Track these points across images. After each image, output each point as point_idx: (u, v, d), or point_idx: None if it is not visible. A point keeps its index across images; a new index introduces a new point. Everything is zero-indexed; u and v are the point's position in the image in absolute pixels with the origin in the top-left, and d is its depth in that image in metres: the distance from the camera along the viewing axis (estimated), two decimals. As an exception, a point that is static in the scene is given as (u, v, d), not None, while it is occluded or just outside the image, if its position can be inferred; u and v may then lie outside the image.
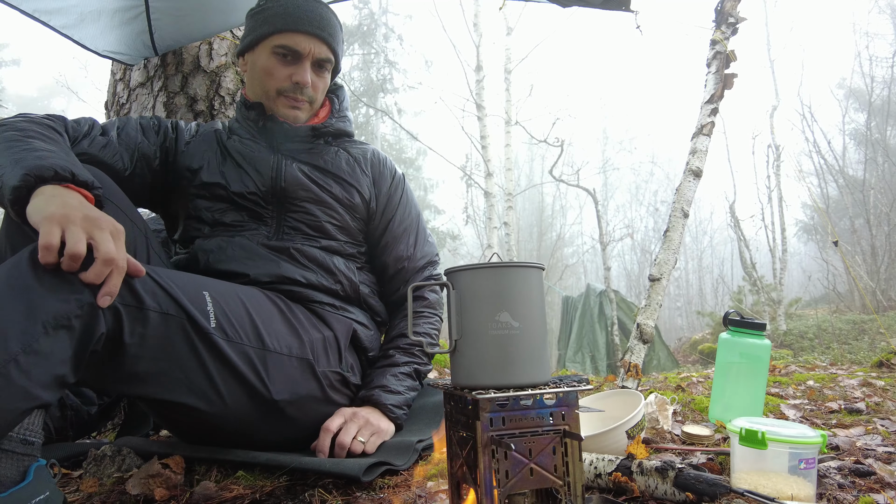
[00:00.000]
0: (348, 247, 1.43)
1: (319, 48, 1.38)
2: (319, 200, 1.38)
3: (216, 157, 1.40)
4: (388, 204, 1.50)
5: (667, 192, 20.95)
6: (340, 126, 1.49)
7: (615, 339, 8.57)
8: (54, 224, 0.84)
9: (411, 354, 1.42)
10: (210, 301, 1.09)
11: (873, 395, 1.99)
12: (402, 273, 1.50)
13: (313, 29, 1.36)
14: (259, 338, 1.15)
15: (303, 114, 1.43)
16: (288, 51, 1.36)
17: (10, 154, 0.99)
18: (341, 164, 1.44)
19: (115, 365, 0.96)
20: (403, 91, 18.79)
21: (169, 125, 1.44)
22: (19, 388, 0.79)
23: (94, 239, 0.86)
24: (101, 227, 0.87)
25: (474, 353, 0.80)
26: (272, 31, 1.36)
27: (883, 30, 14.67)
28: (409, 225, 1.52)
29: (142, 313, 0.96)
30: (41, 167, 0.94)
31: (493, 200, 9.18)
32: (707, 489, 0.95)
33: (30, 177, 0.93)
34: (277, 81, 1.38)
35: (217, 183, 1.36)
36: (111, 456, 1.20)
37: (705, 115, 2.15)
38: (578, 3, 1.84)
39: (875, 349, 7.33)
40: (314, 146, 1.45)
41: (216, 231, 1.35)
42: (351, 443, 1.19)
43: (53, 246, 0.83)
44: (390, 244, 1.49)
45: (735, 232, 11.39)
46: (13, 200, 0.93)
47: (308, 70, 1.38)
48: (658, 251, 2.10)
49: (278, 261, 1.32)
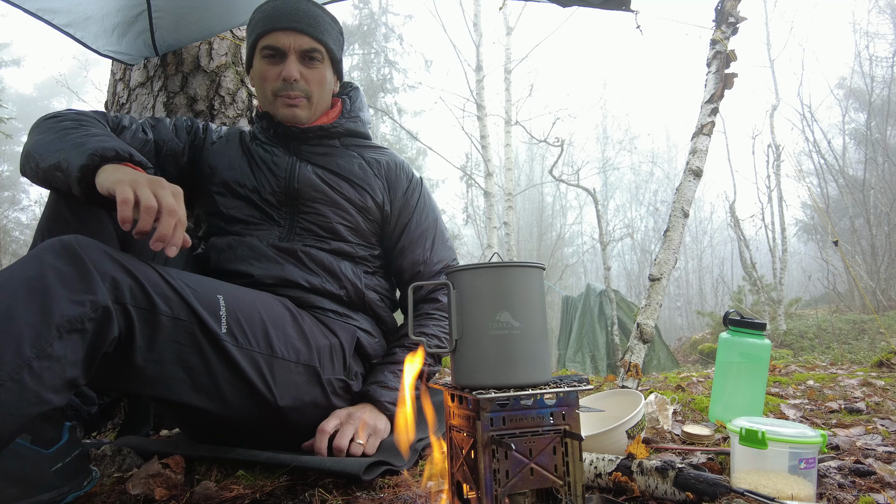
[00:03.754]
0: (360, 249, 1.44)
1: (300, 40, 1.38)
2: (331, 202, 1.39)
3: (238, 157, 1.45)
4: (405, 208, 1.50)
5: (667, 191, 20.96)
6: (351, 126, 1.49)
7: (615, 339, 8.57)
8: (126, 185, 0.96)
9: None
10: (223, 305, 1.10)
11: (873, 395, 1.99)
12: (417, 277, 1.49)
13: (290, 24, 1.37)
14: (269, 344, 1.16)
15: (301, 111, 1.42)
16: (271, 50, 1.38)
17: (70, 139, 1.10)
18: (354, 168, 1.45)
19: (124, 367, 0.98)
20: (403, 91, 18.77)
21: (200, 125, 1.52)
22: (32, 393, 0.80)
23: (158, 196, 0.97)
24: (163, 187, 0.99)
25: (475, 352, 0.80)
26: (257, 37, 1.40)
27: (883, 30, 14.66)
28: (426, 229, 1.52)
29: (153, 317, 0.98)
30: (104, 148, 1.05)
31: (493, 200, 9.18)
32: (707, 489, 0.95)
33: (96, 156, 1.03)
34: (270, 83, 1.40)
35: (235, 180, 1.41)
36: (111, 455, 1.20)
37: (705, 115, 2.15)
38: (578, 3, 1.84)
39: (875, 349, 7.33)
40: (329, 150, 1.46)
41: (232, 229, 1.39)
42: (349, 445, 1.19)
43: (131, 200, 0.95)
44: (406, 248, 1.49)
45: (735, 232, 11.39)
46: (80, 178, 1.03)
47: (293, 64, 1.38)
48: (658, 251, 2.10)
49: (283, 263, 1.33)
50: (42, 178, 1.12)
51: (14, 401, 0.78)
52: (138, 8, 1.79)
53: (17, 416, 0.79)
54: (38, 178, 1.13)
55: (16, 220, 17.95)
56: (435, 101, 14.47)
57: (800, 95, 14.15)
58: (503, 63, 9.34)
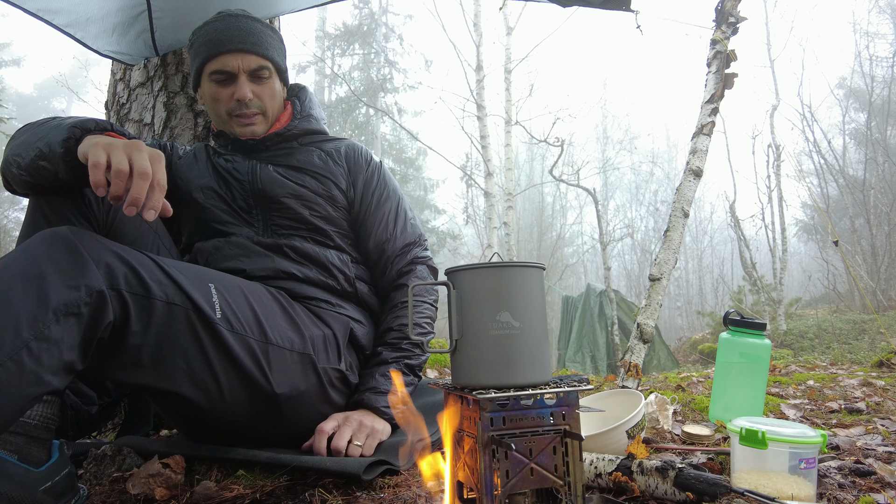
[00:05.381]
0: (338, 238, 1.45)
1: (248, 60, 1.40)
2: (297, 195, 1.41)
3: (206, 168, 1.48)
4: (365, 190, 1.52)
5: (667, 191, 20.96)
6: (305, 126, 1.51)
7: (615, 339, 8.57)
8: (100, 149, 0.95)
9: (400, 349, 1.41)
10: (215, 293, 1.11)
11: (873, 395, 1.99)
12: (384, 257, 1.50)
13: (235, 45, 1.38)
14: (262, 331, 1.16)
15: (259, 127, 1.45)
16: (221, 74, 1.40)
17: (48, 126, 1.11)
18: (313, 160, 1.48)
19: (119, 352, 0.99)
20: (403, 91, 18.77)
21: (166, 144, 1.57)
22: (31, 374, 0.82)
23: (132, 158, 0.95)
24: (139, 150, 0.96)
25: (475, 352, 0.80)
26: (203, 61, 1.41)
27: (883, 30, 14.66)
28: (388, 209, 1.53)
29: (148, 302, 0.99)
30: (84, 121, 1.07)
31: (493, 200, 9.18)
32: (707, 489, 0.95)
33: (76, 129, 1.04)
34: (223, 104, 1.42)
35: (209, 188, 1.44)
36: (111, 455, 1.20)
37: (705, 115, 2.15)
38: (579, 3, 1.84)
39: (875, 349, 7.32)
40: (287, 150, 1.49)
41: (212, 234, 1.41)
42: (347, 447, 1.20)
43: (102, 163, 0.93)
44: (370, 230, 1.50)
45: (735, 232, 11.39)
46: (64, 153, 1.03)
47: (245, 84, 1.40)
48: (658, 251, 2.10)
49: (273, 256, 1.36)
50: (26, 179, 1.12)
51: (14, 381, 0.80)
52: (138, 8, 1.79)
53: (16, 396, 0.81)
54: (22, 180, 1.13)
55: (16, 220, 17.95)
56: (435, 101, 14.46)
57: (800, 95, 14.14)
58: (503, 63, 9.34)
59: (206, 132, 1.96)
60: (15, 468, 0.92)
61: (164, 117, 1.95)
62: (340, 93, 18.65)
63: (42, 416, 0.97)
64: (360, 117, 18.46)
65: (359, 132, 18.38)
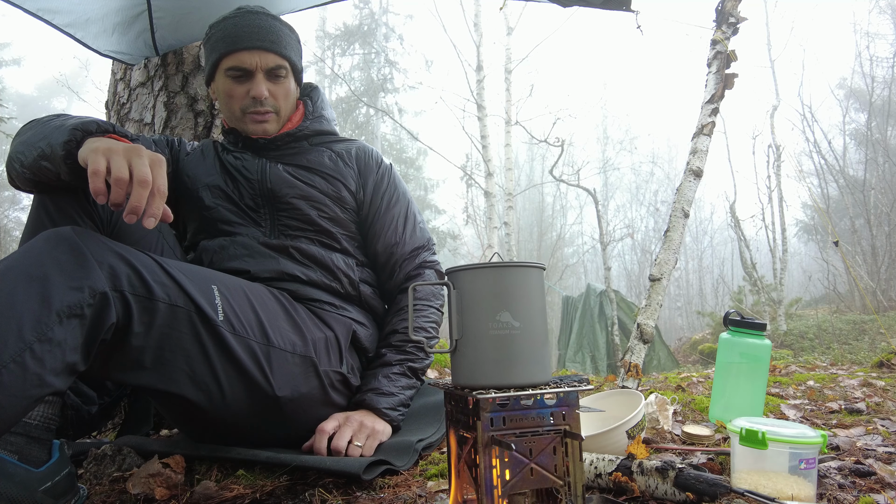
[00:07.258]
0: (345, 241, 1.45)
1: (266, 58, 1.39)
2: (306, 196, 1.41)
3: (214, 166, 1.46)
4: (375, 193, 1.51)
5: (667, 192, 20.96)
6: (316, 127, 1.51)
7: (615, 339, 8.57)
8: (100, 154, 0.94)
9: (404, 352, 1.41)
10: (218, 295, 1.11)
11: (873, 396, 1.99)
12: (392, 260, 1.50)
13: (255, 42, 1.37)
14: (264, 333, 1.16)
15: (271, 125, 1.44)
16: (238, 70, 1.38)
17: (51, 126, 1.10)
18: (324, 160, 1.47)
19: (121, 353, 0.99)
20: (404, 91, 18.79)
21: (174, 139, 1.55)
22: (34, 376, 0.82)
23: (132, 165, 0.93)
24: (140, 155, 0.95)
25: (475, 352, 0.80)
26: (220, 56, 1.39)
27: (883, 30, 14.68)
28: (398, 212, 1.53)
29: (151, 304, 0.99)
30: (85, 123, 1.05)
31: (493, 200, 9.18)
32: (707, 489, 0.95)
33: (77, 131, 1.03)
34: (238, 101, 1.41)
35: (216, 186, 1.43)
36: (111, 455, 1.20)
37: (706, 115, 2.15)
38: (579, 3, 1.84)
39: (875, 349, 7.33)
40: (297, 150, 1.48)
41: (218, 233, 1.40)
42: (347, 447, 1.19)
43: (101, 170, 0.92)
44: (379, 232, 1.50)
45: (735, 232, 11.39)
46: (65, 156, 1.02)
47: (262, 83, 1.39)
48: (658, 251, 2.10)
49: (278, 258, 1.36)
50: (29, 176, 1.12)
51: (16, 383, 0.80)
52: (138, 8, 1.79)
53: (19, 397, 0.81)
54: (25, 177, 1.13)
55: (16, 220, 17.95)
56: (435, 101, 14.45)
57: (800, 96, 14.16)
58: (503, 63, 9.34)
59: (206, 132, 1.96)
60: (15, 468, 0.92)
61: (165, 117, 1.95)
62: (341, 93, 18.68)
63: (43, 417, 0.98)
64: (360, 117, 18.47)
65: (359, 132, 18.39)
